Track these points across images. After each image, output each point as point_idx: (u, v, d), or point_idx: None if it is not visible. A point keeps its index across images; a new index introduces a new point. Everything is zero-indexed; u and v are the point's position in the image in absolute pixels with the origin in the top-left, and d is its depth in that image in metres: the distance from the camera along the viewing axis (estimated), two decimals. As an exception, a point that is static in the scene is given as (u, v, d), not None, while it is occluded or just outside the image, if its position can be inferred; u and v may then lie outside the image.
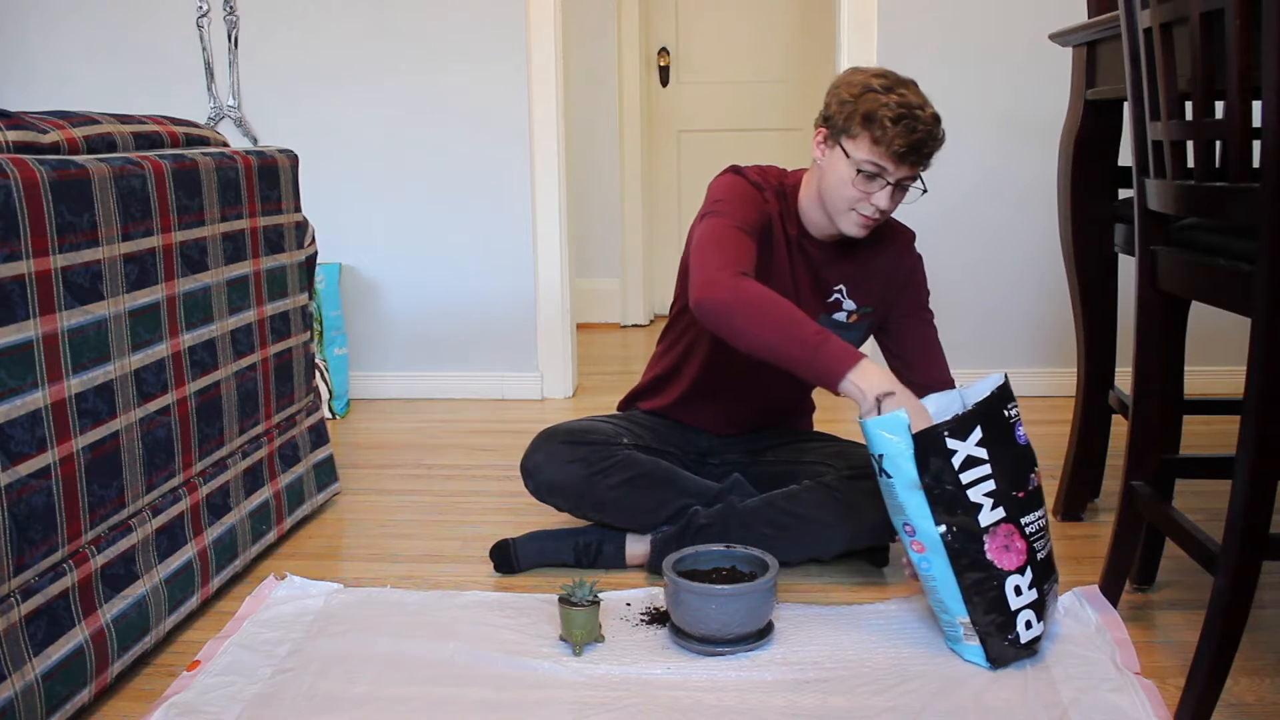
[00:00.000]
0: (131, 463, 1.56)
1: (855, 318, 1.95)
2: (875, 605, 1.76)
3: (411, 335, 3.31)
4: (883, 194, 1.75)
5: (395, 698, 1.49)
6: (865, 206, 1.76)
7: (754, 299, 1.64)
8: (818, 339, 1.60)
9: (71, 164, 1.45)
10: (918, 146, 1.71)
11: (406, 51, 3.16)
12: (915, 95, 1.73)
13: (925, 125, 1.71)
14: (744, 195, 1.84)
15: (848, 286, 1.94)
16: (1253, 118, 1.27)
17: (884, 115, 1.70)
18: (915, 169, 1.75)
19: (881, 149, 1.71)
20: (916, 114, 1.70)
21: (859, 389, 1.56)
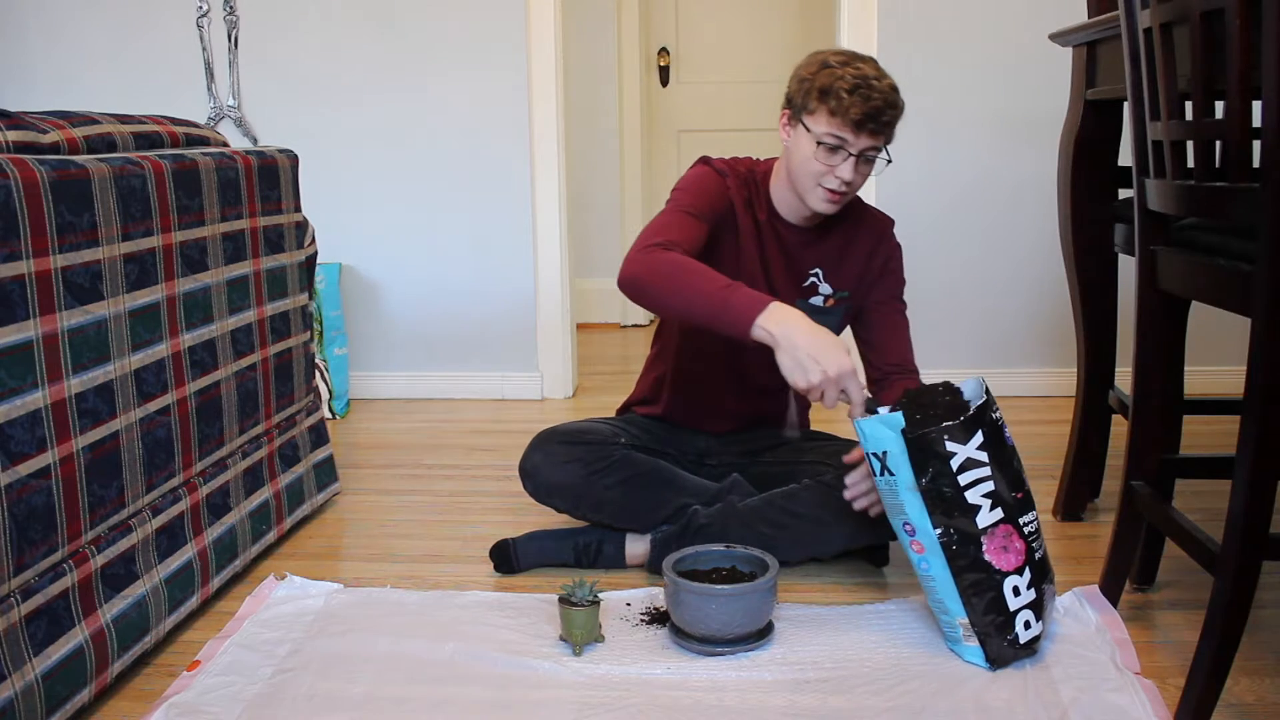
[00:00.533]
0: (131, 463, 1.56)
1: (832, 301, 1.96)
2: (875, 605, 1.76)
3: (411, 335, 3.31)
4: (846, 165, 1.76)
5: (395, 698, 1.49)
6: (830, 180, 1.78)
7: (663, 265, 1.66)
8: (725, 291, 1.62)
9: (71, 164, 1.45)
10: (875, 114, 1.72)
11: (407, 51, 3.16)
12: (871, 68, 1.75)
13: (881, 93, 1.72)
14: (702, 183, 1.87)
15: (824, 270, 1.95)
16: (1253, 118, 1.27)
17: (839, 87, 1.72)
18: (876, 138, 1.75)
19: (839, 119, 1.73)
20: (872, 83, 1.72)
21: (768, 332, 1.58)
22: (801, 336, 1.58)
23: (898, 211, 3.11)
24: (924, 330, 3.16)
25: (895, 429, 1.52)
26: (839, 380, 1.58)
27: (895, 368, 1.92)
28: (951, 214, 3.11)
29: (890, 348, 1.94)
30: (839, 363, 1.57)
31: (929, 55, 3.04)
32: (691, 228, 1.78)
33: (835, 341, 1.59)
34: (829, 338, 1.59)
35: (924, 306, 3.15)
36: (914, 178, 3.10)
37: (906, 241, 3.09)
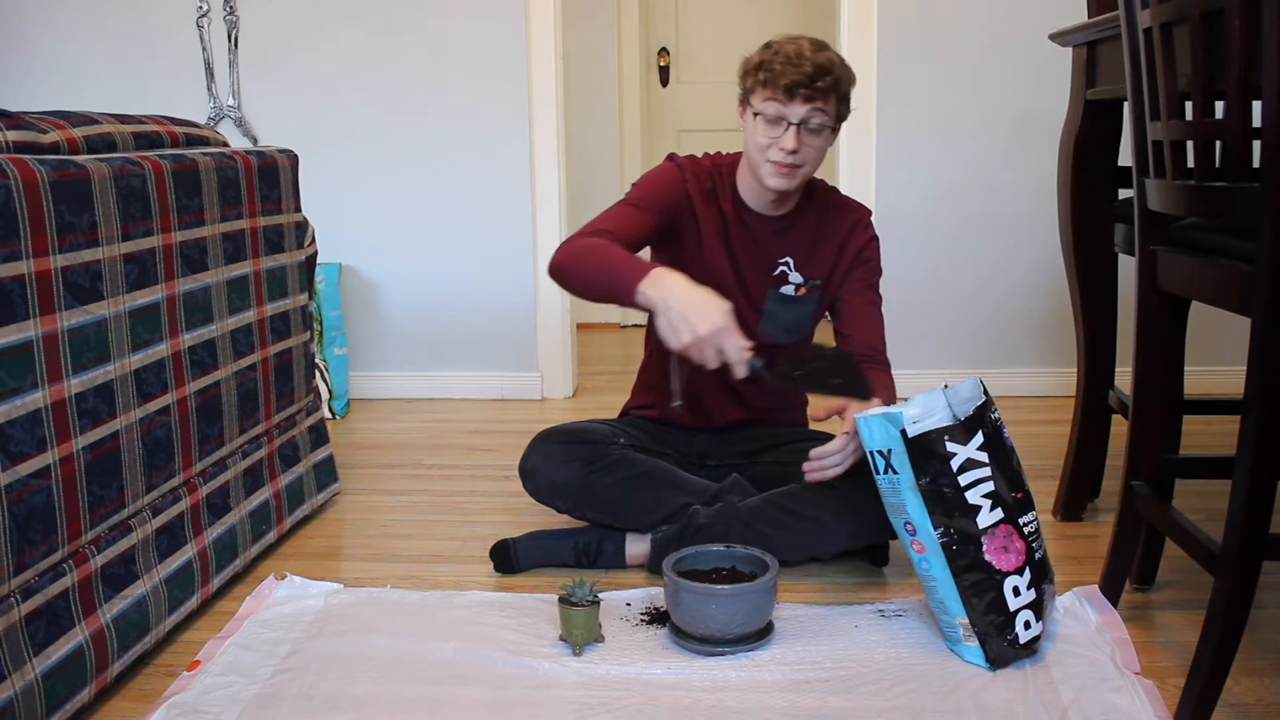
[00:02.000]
0: (131, 463, 1.56)
1: (804, 290, 1.97)
2: (875, 605, 1.76)
3: (411, 335, 3.31)
4: (788, 135, 1.78)
5: (395, 698, 1.49)
6: (775, 152, 1.80)
7: (579, 249, 1.73)
8: (618, 263, 1.67)
9: (71, 164, 1.45)
10: (806, 80, 1.74)
11: (407, 51, 3.16)
12: (812, 44, 1.79)
13: (813, 61, 1.75)
14: (657, 177, 1.93)
15: (795, 259, 1.96)
16: (1253, 118, 1.27)
17: (772, 60, 1.77)
18: (812, 103, 1.77)
19: (771, 89, 1.77)
20: (804, 54, 1.76)
21: (647, 296, 1.61)
22: (675, 298, 1.58)
23: (898, 211, 3.11)
24: (924, 330, 3.17)
25: (896, 428, 1.52)
26: (711, 339, 1.57)
27: (866, 357, 1.92)
28: (951, 213, 3.11)
29: (862, 337, 1.95)
30: (710, 321, 1.57)
31: (929, 55, 3.04)
32: (630, 218, 1.84)
33: (709, 302, 1.59)
34: (704, 298, 1.59)
35: (924, 306, 3.16)
36: (914, 177, 3.10)
37: (907, 241, 3.12)
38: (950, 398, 1.54)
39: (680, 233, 1.93)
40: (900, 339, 3.15)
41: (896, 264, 3.14)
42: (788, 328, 1.98)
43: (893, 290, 3.14)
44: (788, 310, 1.97)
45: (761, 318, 1.97)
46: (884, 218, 3.12)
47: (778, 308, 1.97)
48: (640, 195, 1.89)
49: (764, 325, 1.98)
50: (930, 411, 1.52)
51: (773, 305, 1.97)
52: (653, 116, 4.55)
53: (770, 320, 1.97)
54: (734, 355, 1.59)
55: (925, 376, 3.09)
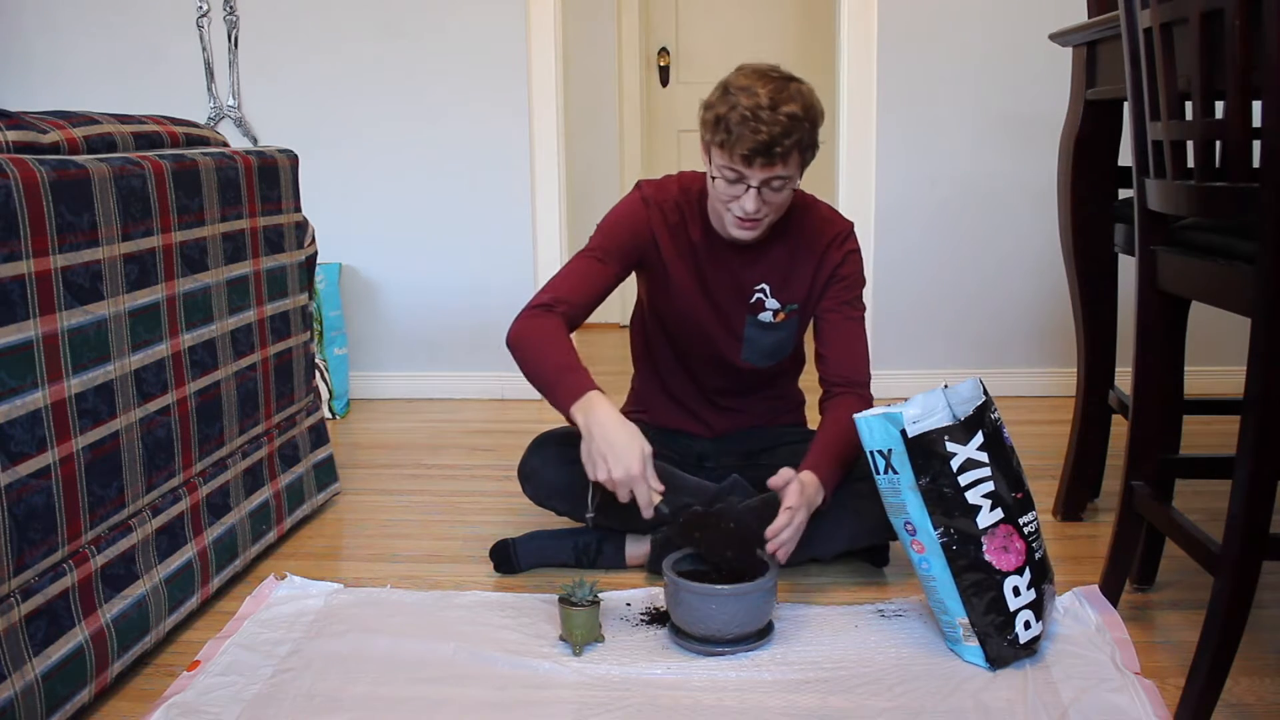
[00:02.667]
0: (131, 463, 1.56)
1: (782, 316, 1.93)
2: (875, 605, 1.76)
3: (411, 335, 3.31)
4: (748, 197, 1.72)
5: (395, 698, 1.49)
6: (735, 209, 1.75)
7: (530, 336, 1.78)
8: (557, 374, 1.73)
9: (71, 164, 1.45)
10: (764, 148, 1.65)
11: (407, 51, 3.16)
12: (770, 92, 1.66)
13: (770, 125, 1.64)
14: (620, 218, 1.91)
15: (771, 285, 1.91)
16: (1253, 118, 1.27)
17: (731, 119, 1.67)
18: (771, 169, 1.69)
19: (728, 153, 1.69)
20: (762, 114, 1.64)
21: (576, 422, 1.67)
22: (599, 431, 1.65)
23: (897, 211, 3.11)
24: (924, 330, 3.17)
25: (896, 428, 1.52)
26: (624, 482, 1.63)
27: (840, 383, 1.88)
28: (951, 213, 3.11)
29: (836, 361, 1.89)
30: (624, 465, 1.62)
31: (929, 55, 3.04)
32: (591, 274, 1.86)
33: (629, 445, 1.63)
34: (626, 440, 1.63)
35: (924, 306, 3.16)
36: (913, 177, 3.10)
37: (907, 241, 3.12)
38: (950, 398, 1.54)
39: (649, 267, 1.93)
40: (900, 339, 3.17)
41: (896, 264, 3.14)
42: (768, 353, 1.96)
43: (893, 291, 3.15)
44: (766, 336, 1.94)
45: (742, 345, 1.95)
46: (884, 218, 3.12)
47: (757, 334, 1.94)
48: (601, 245, 1.88)
49: (745, 352, 1.95)
50: (930, 411, 1.52)
51: (752, 332, 1.94)
52: (653, 116, 4.55)
53: (750, 346, 1.95)
54: (643, 499, 1.64)
55: (925, 376, 3.09)
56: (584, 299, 1.85)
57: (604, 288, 1.88)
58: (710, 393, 2.05)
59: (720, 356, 1.97)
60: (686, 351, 2.01)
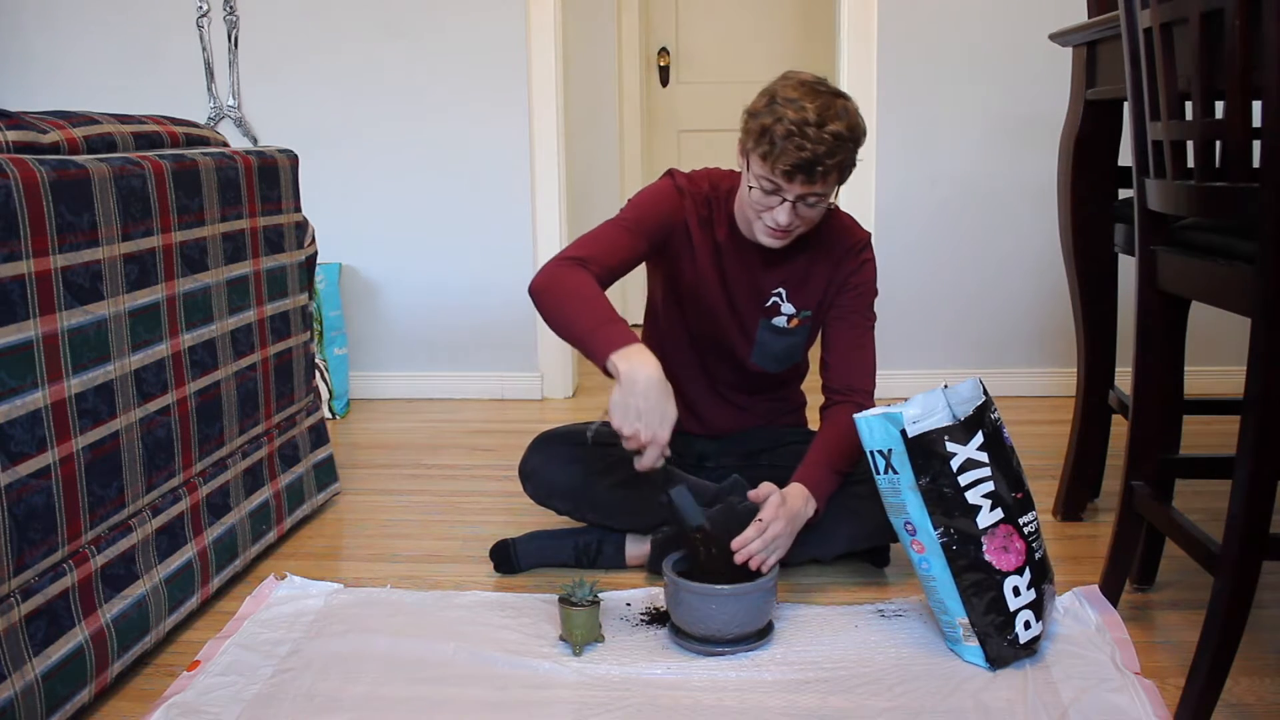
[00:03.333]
0: (131, 463, 1.56)
1: (796, 322, 1.92)
2: (875, 605, 1.76)
3: (411, 335, 3.31)
4: (781, 209, 1.71)
5: (395, 698, 1.49)
6: (768, 219, 1.74)
7: (561, 284, 1.70)
8: (596, 321, 1.65)
9: (71, 164, 1.45)
10: (806, 165, 1.64)
11: (406, 51, 3.16)
12: (818, 109, 1.64)
13: (815, 144, 1.62)
14: (655, 197, 1.86)
15: (788, 290, 1.91)
16: (1253, 118, 1.27)
17: (776, 131, 1.65)
18: (810, 186, 1.68)
19: (769, 166, 1.68)
20: (808, 131, 1.62)
21: (617, 368, 1.60)
22: (643, 386, 1.58)
23: (898, 211, 3.11)
24: (924, 330, 3.17)
25: (896, 428, 1.52)
26: (650, 444, 1.59)
27: (841, 390, 1.87)
28: (951, 213, 3.11)
29: (840, 369, 1.88)
30: (653, 428, 1.58)
31: (929, 54, 3.04)
32: (621, 242, 1.79)
33: (667, 410, 1.60)
34: (662, 404, 1.59)
35: (924, 306, 3.16)
36: (914, 177, 3.10)
37: (907, 241, 3.12)
38: (950, 398, 1.54)
39: (675, 253, 1.90)
40: (901, 339, 3.17)
41: (896, 264, 3.14)
42: (778, 357, 1.96)
43: (893, 291, 3.15)
44: (778, 341, 1.93)
45: (753, 347, 1.95)
46: (884, 218, 3.12)
47: (769, 338, 1.94)
48: (634, 217, 1.83)
49: (755, 354, 1.95)
50: (930, 411, 1.52)
51: (765, 335, 1.93)
52: (653, 116, 4.55)
53: (761, 350, 1.95)
54: (650, 459, 1.61)
55: (925, 376, 3.09)
56: (614, 263, 1.79)
57: (631, 259, 1.83)
58: (718, 386, 2.04)
59: (730, 357, 1.97)
60: (700, 341, 1.99)
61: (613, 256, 1.78)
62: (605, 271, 1.77)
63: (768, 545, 1.66)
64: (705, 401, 2.06)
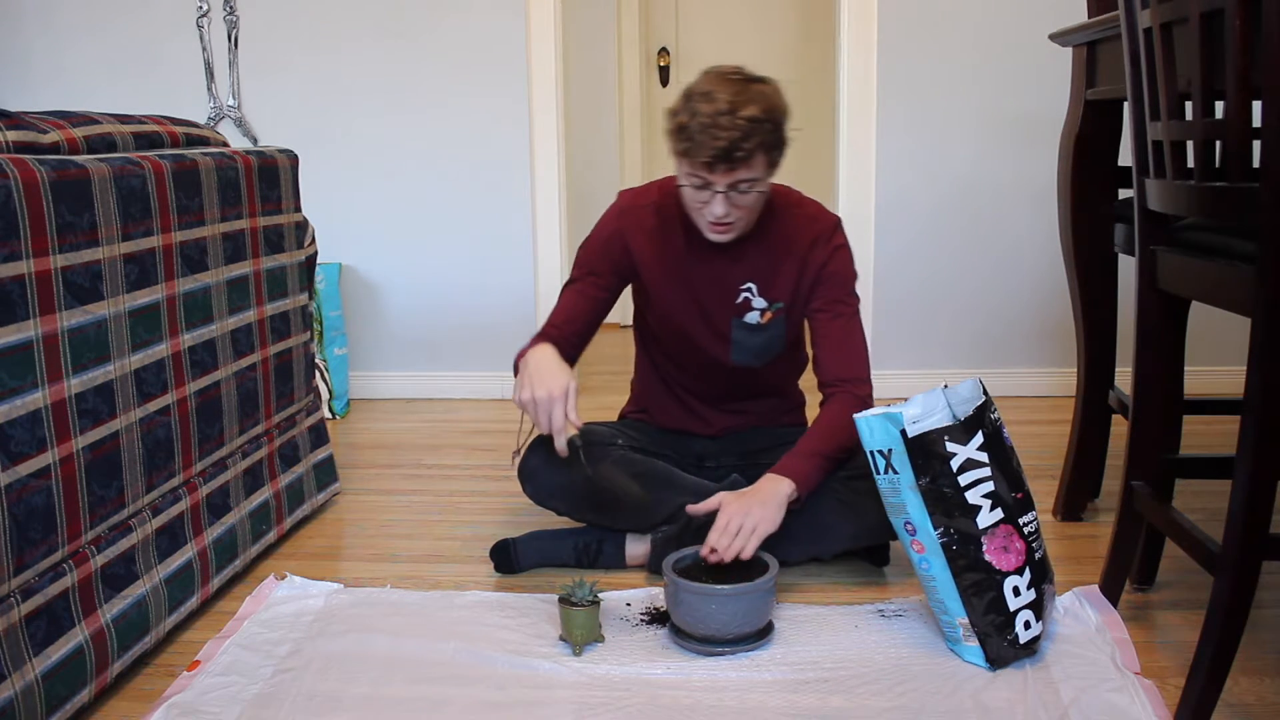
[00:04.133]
0: (131, 463, 1.56)
1: (769, 315, 1.92)
2: (875, 605, 1.76)
3: (411, 335, 3.31)
4: (716, 201, 1.73)
5: (395, 698, 1.49)
6: (706, 213, 1.76)
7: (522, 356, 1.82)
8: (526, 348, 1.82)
9: (71, 164, 1.45)
10: (725, 153, 1.65)
11: (406, 51, 3.16)
12: (730, 95, 1.66)
13: (729, 130, 1.64)
14: (595, 235, 1.96)
15: (757, 284, 1.91)
16: (1253, 118, 1.27)
17: (691, 126, 1.68)
18: (734, 174, 1.69)
19: (689, 161, 1.70)
20: (721, 120, 1.64)
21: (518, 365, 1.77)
22: (531, 362, 1.75)
23: (898, 210, 3.12)
24: (924, 330, 3.17)
25: (896, 428, 1.52)
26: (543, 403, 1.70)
27: (833, 382, 1.86)
28: (951, 213, 3.11)
29: (830, 361, 1.87)
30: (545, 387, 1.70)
31: (929, 55, 3.04)
32: (573, 304, 1.93)
33: (555, 373, 1.72)
34: (551, 368, 1.73)
35: (924, 306, 3.16)
36: (914, 177, 3.10)
37: (907, 241, 3.12)
38: (950, 398, 1.54)
39: (636, 278, 1.96)
40: (901, 339, 3.17)
41: (896, 264, 3.14)
42: (757, 352, 1.96)
43: (892, 290, 3.15)
44: (754, 337, 1.93)
45: (730, 346, 1.95)
46: (884, 217, 3.12)
47: (744, 336, 1.94)
48: (581, 268, 1.94)
49: (734, 353, 1.95)
50: (930, 411, 1.52)
51: (739, 334, 1.94)
52: (653, 116, 4.55)
53: (739, 348, 1.95)
54: (557, 423, 1.70)
55: (925, 376, 3.09)
56: (574, 324, 1.92)
57: (592, 309, 1.94)
58: (708, 393, 2.05)
59: (710, 359, 1.97)
60: (678, 356, 2.01)
61: (573, 321, 1.92)
62: (571, 335, 1.91)
63: (730, 535, 1.67)
64: (700, 403, 2.07)
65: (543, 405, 1.70)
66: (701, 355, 1.97)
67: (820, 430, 1.81)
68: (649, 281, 1.94)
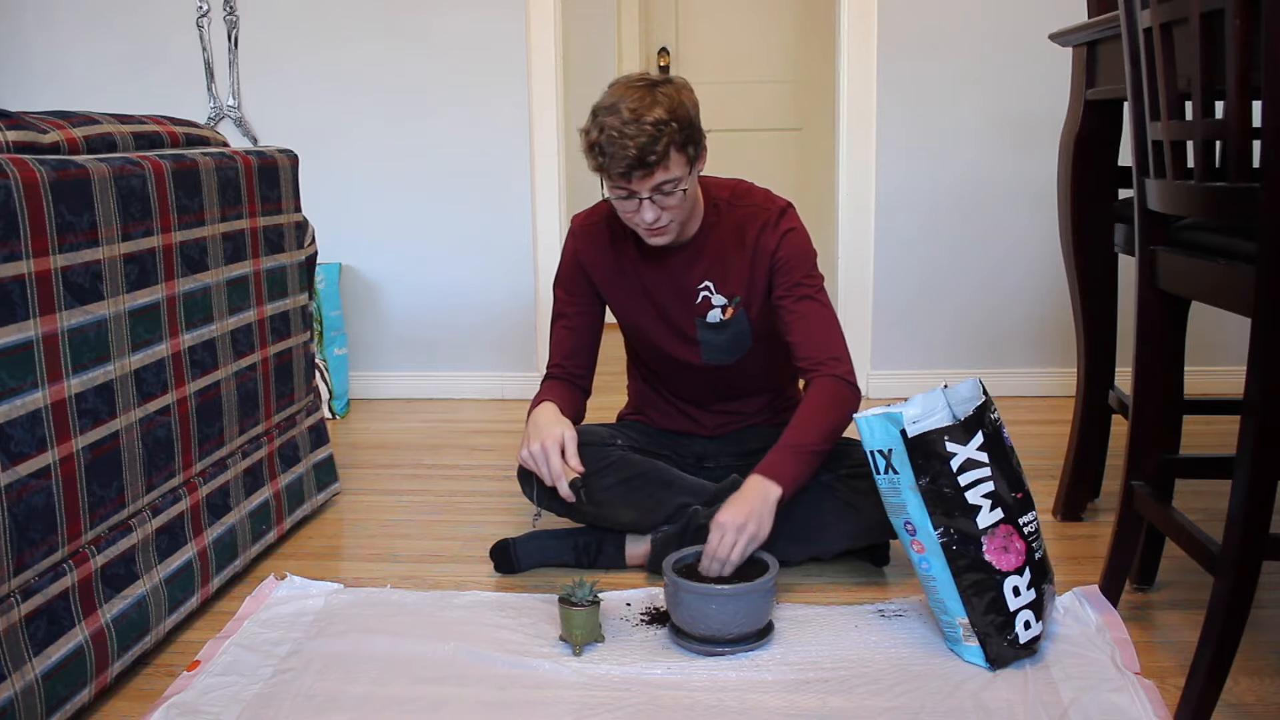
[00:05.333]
0: (131, 463, 1.56)
1: (730, 311, 1.91)
2: (875, 605, 1.76)
3: (411, 335, 3.31)
4: (645, 208, 1.74)
5: (395, 698, 1.49)
6: (639, 221, 1.77)
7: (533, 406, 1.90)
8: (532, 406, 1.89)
9: (71, 164, 1.45)
10: (638, 161, 1.68)
11: (406, 51, 3.16)
12: (634, 105, 1.69)
13: (636, 138, 1.67)
14: (562, 265, 2.01)
15: (714, 281, 1.91)
16: (1253, 118, 1.27)
17: (601, 142, 1.71)
18: (652, 178, 1.70)
19: (608, 175, 1.73)
20: (627, 130, 1.67)
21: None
22: (530, 420, 1.84)
23: (898, 211, 3.11)
24: (924, 330, 3.17)
25: (896, 428, 1.52)
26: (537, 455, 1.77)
27: (809, 366, 1.84)
28: (951, 213, 3.11)
29: (801, 346, 1.85)
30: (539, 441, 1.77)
31: (929, 54, 3.04)
32: (567, 334, 1.99)
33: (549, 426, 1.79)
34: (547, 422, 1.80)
35: (924, 306, 3.16)
36: (913, 177, 3.10)
37: (907, 241, 3.12)
38: (950, 398, 1.53)
39: (601, 293, 1.99)
40: (900, 339, 3.17)
41: (896, 264, 3.14)
42: (726, 350, 1.95)
43: (892, 290, 3.15)
44: (718, 335, 1.93)
45: (699, 348, 1.95)
46: (884, 217, 3.12)
47: (710, 335, 1.94)
48: (560, 305, 2.00)
49: (704, 354, 1.95)
50: (930, 411, 1.52)
51: (704, 334, 1.94)
52: (653, 116, 4.55)
53: (708, 348, 1.95)
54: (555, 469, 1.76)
55: (925, 376, 3.09)
56: (575, 358, 1.99)
57: (587, 336, 2.00)
58: (693, 396, 2.06)
59: (683, 363, 1.97)
60: (654, 363, 2.03)
61: (573, 355, 1.99)
62: (575, 370, 1.97)
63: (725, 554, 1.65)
64: (690, 406, 2.07)
65: (539, 457, 1.77)
66: (674, 360, 1.98)
67: (802, 421, 1.78)
68: (610, 297, 1.98)
